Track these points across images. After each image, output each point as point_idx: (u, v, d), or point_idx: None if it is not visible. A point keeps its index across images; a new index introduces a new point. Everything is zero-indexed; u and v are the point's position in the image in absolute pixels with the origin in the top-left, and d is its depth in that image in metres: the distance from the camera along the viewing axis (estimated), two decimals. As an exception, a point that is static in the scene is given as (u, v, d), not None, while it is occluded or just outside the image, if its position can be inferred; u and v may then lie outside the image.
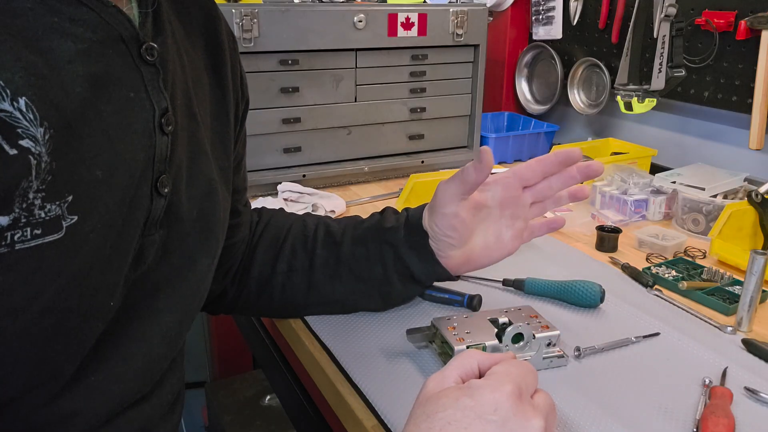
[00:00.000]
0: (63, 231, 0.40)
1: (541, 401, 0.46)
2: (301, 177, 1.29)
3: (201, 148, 0.56)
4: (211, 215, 0.58)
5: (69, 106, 0.40)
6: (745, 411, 0.62)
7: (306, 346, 0.75)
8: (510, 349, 0.65)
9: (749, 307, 0.77)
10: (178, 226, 0.53)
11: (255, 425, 1.57)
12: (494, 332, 0.66)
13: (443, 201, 0.68)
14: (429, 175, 1.16)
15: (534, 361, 0.66)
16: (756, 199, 1.00)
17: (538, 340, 0.66)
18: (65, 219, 0.40)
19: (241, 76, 0.66)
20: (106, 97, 0.43)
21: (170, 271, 0.53)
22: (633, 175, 1.20)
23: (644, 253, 1.01)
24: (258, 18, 1.16)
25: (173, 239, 0.53)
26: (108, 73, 0.44)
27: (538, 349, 0.66)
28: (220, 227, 0.60)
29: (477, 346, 0.64)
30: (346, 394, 0.65)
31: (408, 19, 1.31)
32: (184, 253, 0.54)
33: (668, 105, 1.40)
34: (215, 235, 0.59)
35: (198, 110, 0.56)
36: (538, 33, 1.68)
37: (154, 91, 0.47)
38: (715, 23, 1.23)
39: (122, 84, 0.45)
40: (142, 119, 0.46)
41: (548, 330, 0.67)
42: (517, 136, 1.55)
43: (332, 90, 1.29)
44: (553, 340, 0.67)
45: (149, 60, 0.47)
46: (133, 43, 0.46)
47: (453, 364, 0.49)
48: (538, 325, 0.68)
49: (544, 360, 0.67)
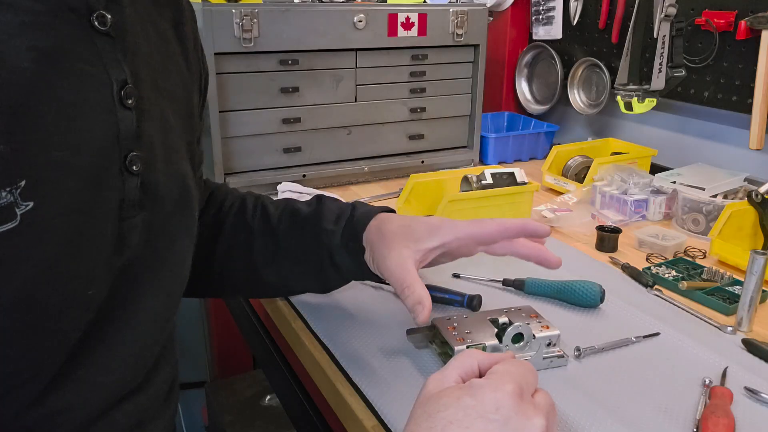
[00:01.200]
0: (17, 219, 0.38)
1: (542, 400, 0.46)
2: (301, 177, 1.29)
3: (170, 123, 0.54)
4: (189, 193, 0.56)
5: (16, 83, 0.38)
6: (745, 411, 0.62)
7: (306, 346, 0.75)
8: (510, 349, 0.65)
9: (749, 307, 0.77)
10: (159, 207, 0.50)
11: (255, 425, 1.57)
12: (494, 332, 0.66)
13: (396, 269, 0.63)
14: (429, 175, 1.15)
15: (534, 361, 0.66)
16: (756, 199, 1.00)
17: (539, 340, 0.66)
18: (19, 206, 0.38)
19: (201, 50, 0.64)
20: (59, 72, 0.41)
21: (152, 254, 0.51)
22: (633, 175, 1.20)
23: (644, 253, 1.01)
24: (258, 18, 1.16)
25: (156, 221, 0.50)
26: (58, 46, 0.41)
27: (538, 349, 0.66)
28: (196, 205, 0.59)
29: (477, 346, 0.64)
30: (346, 394, 0.65)
31: (408, 19, 1.31)
32: (165, 235, 0.52)
33: (668, 105, 1.40)
34: (193, 214, 0.58)
35: (164, 85, 0.53)
36: (538, 33, 1.68)
37: (111, 63, 0.44)
38: (715, 23, 1.23)
39: (75, 57, 0.42)
40: (100, 94, 0.44)
41: (548, 330, 0.67)
42: (517, 136, 1.55)
43: (332, 90, 1.29)
44: (553, 340, 0.67)
45: (101, 29, 0.44)
46: (84, 11, 0.43)
47: (453, 363, 0.49)
48: (538, 325, 0.68)
49: (545, 360, 0.67)
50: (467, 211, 1.01)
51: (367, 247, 0.67)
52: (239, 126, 1.22)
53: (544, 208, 1.14)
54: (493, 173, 1.05)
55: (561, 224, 1.10)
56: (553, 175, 1.33)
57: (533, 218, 1.08)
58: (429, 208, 1.10)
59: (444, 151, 1.48)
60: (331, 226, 0.70)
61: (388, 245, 0.64)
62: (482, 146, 1.51)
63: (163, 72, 0.54)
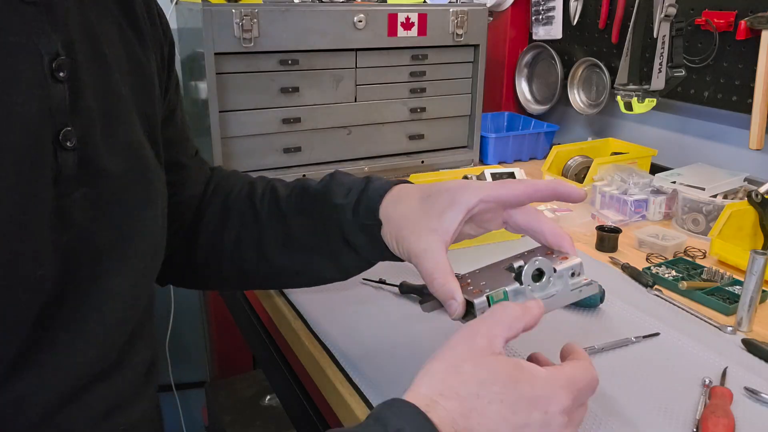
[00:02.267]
0: None
1: (579, 416, 0.47)
2: (301, 177, 1.29)
3: (117, 93, 0.51)
4: (144, 165, 0.54)
5: None
6: (745, 411, 0.62)
7: (306, 346, 0.75)
8: (533, 289, 0.57)
9: (749, 307, 0.77)
10: (104, 181, 0.48)
11: (255, 425, 1.57)
12: (512, 277, 0.58)
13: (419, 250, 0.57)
14: (429, 175, 1.16)
15: (562, 295, 0.59)
16: (756, 199, 1.00)
17: (560, 272, 0.59)
18: None
19: (159, 16, 0.61)
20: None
21: (111, 230, 0.49)
22: (633, 175, 1.20)
23: (644, 253, 1.01)
24: (258, 18, 1.16)
25: (104, 196, 0.48)
26: None
27: (563, 281, 0.59)
28: (156, 177, 0.56)
29: (497, 293, 0.56)
30: (346, 394, 0.65)
31: (408, 19, 1.31)
32: (122, 210, 0.50)
33: (668, 105, 1.40)
34: (154, 186, 0.55)
35: (108, 52, 0.51)
36: (538, 33, 1.68)
37: (39, 34, 0.43)
38: (715, 23, 1.23)
39: (2, 29, 0.40)
40: (29, 66, 0.42)
41: (568, 260, 0.60)
42: (517, 136, 1.56)
43: (332, 90, 1.29)
44: (576, 269, 0.60)
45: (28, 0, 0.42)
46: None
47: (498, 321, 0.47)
48: (556, 258, 0.60)
49: (573, 292, 0.60)
50: (467, 211, 1.01)
51: (385, 222, 0.60)
52: (239, 126, 1.22)
53: (544, 208, 1.14)
54: (493, 173, 1.05)
55: (561, 224, 1.10)
56: (553, 175, 1.33)
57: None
58: (429, 208, 1.10)
59: (444, 151, 1.48)
60: (341, 200, 0.63)
61: (412, 227, 0.58)
62: (482, 146, 1.51)
63: (105, 41, 0.51)
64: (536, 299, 0.54)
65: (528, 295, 0.56)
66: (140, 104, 0.55)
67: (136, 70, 0.56)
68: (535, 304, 0.50)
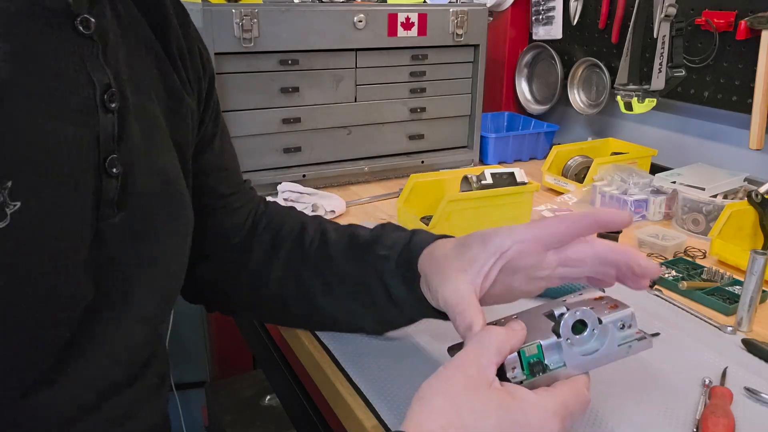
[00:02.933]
0: (8, 218, 0.39)
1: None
2: (301, 177, 1.29)
3: (156, 123, 0.54)
4: (177, 194, 0.56)
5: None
6: (745, 411, 0.62)
7: (306, 346, 0.75)
8: (573, 343, 0.50)
9: (749, 307, 0.77)
10: (140, 207, 0.50)
11: (255, 425, 1.57)
12: (550, 327, 0.52)
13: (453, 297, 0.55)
14: (429, 175, 1.15)
15: (608, 351, 0.52)
16: (756, 199, 1.00)
17: (606, 324, 0.51)
18: (8, 206, 0.39)
19: (200, 51, 0.62)
20: (37, 74, 0.41)
21: (141, 254, 0.51)
22: (633, 175, 1.20)
23: (644, 253, 1.01)
24: (258, 18, 1.16)
25: (137, 220, 0.50)
26: (35, 48, 0.41)
27: (610, 335, 0.51)
28: (187, 205, 0.58)
29: (530, 348, 0.50)
30: (346, 394, 0.65)
31: (408, 19, 1.31)
32: (152, 235, 0.52)
33: (668, 105, 1.40)
34: (184, 214, 0.57)
35: (148, 83, 0.53)
36: (538, 33, 1.68)
37: (93, 66, 0.45)
38: (715, 23, 1.23)
39: (54, 60, 0.42)
40: (82, 97, 0.44)
41: (617, 309, 0.52)
42: (517, 136, 1.56)
43: (332, 90, 1.29)
44: (627, 321, 0.52)
45: (85, 33, 0.44)
46: (65, 15, 0.43)
47: (485, 350, 0.47)
48: (604, 306, 0.52)
49: (621, 348, 0.52)
50: (467, 212, 1.01)
51: (423, 275, 0.59)
52: (239, 126, 1.22)
53: (544, 208, 1.14)
54: (493, 173, 1.05)
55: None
56: (553, 175, 1.33)
57: (533, 218, 1.08)
58: (429, 208, 1.10)
59: (444, 151, 1.48)
60: (386, 251, 0.63)
61: (443, 272, 0.56)
62: (482, 146, 1.51)
63: (145, 73, 0.54)
64: (518, 320, 0.51)
65: (566, 350, 0.50)
66: (174, 133, 0.57)
67: (171, 101, 0.58)
68: (518, 325, 0.50)
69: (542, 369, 0.50)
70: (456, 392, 0.45)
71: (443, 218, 0.99)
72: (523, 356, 0.50)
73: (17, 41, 0.40)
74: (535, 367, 0.50)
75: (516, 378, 0.49)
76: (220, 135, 0.68)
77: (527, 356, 0.50)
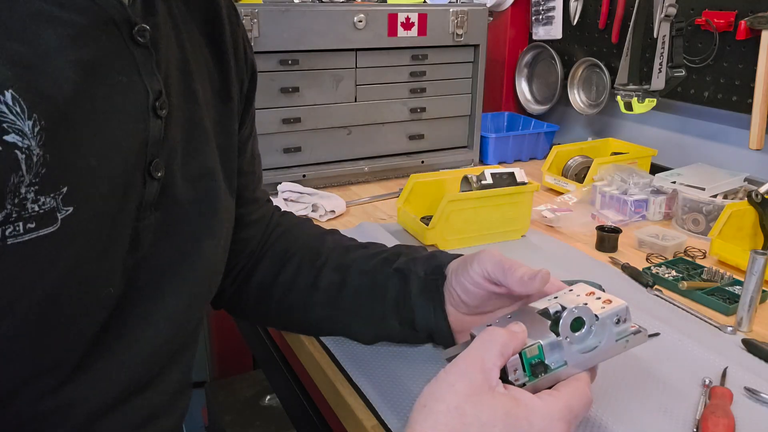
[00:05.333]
0: (58, 223, 0.39)
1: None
2: (301, 177, 1.29)
3: (200, 128, 0.55)
4: (213, 195, 0.56)
5: (60, 95, 0.39)
6: (745, 411, 0.62)
7: (306, 346, 0.75)
8: (572, 341, 0.51)
9: (749, 307, 0.77)
10: (174, 208, 0.51)
11: (255, 425, 1.57)
12: (547, 325, 0.52)
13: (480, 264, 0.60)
14: (429, 175, 1.15)
15: (607, 347, 0.52)
16: (756, 199, 1.00)
17: (603, 319, 0.52)
18: (60, 211, 0.39)
19: (245, 51, 0.63)
20: (99, 82, 0.42)
21: (173, 254, 0.52)
22: (633, 175, 1.20)
23: (644, 253, 1.01)
24: (258, 18, 1.16)
25: (171, 221, 0.51)
26: (99, 57, 0.42)
27: (607, 331, 0.52)
28: (223, 207, 0.59)
29: (530, 349, 0.50)
30: (346, 394, 0.65)
31: (408, 19, 1.31)
32: (185, 235, 0.53)
33: (668, 105, 1.40)
34: (219, 216, 0.57)
35: (198, 88, 0.54)
36: (538, 33, 1.68)
37: (147, 73, 0.46)
38: (715, 23, 1.23)
39: (114, 68, 0.44)
40: (136, 103, 0.45)
41: (612, 304, 0.52)
42: (517, 136, 1.56)
43: (332, 90, 1.29)
44: (622, 315, 0.52)
45: (141, 42, 0.46)
46: (125, 25, 0.44)
47: (489, 353, 0.47)
48: (598, 302, 0.53)
49: (619, 342, 0.53)
50: (467, 211, 1.01)
51: (448, 274, 0.63)
52: (239, 126, 1.21)
53: (544, 208, 1.14)
54: (493, 173, 1.05)
55: (561, 224, 1.10)
56: (553, 175, 1.33)
57: (533, 218, 1.08)
58: (429, 208, 1.10)
59: (444, 151, 1.48)
60: (417, 254, 0.68)
61: (464, 261, 0.62)
62: (482, 146, 1.51)
63: (196, 76, 0.54)
64: (516, 321, 0.52)
65: (566, 348, 0.50)
66: (219, 136, 0.58)
67: (218, 103, 0.59)
68: (518, 327, 0.50)
69: (544, 369, 0.50)
70: (460, 399, 0.44)
71: (443, 218, 0.99)
72: (524, 357, 0.49)
73: (86, 52, 0.41)
74: (537, 368, 0.50)
75: (518, 380, 0.49)
76: (253, 139, 0.70)
77: (528, 357, 0.49)
